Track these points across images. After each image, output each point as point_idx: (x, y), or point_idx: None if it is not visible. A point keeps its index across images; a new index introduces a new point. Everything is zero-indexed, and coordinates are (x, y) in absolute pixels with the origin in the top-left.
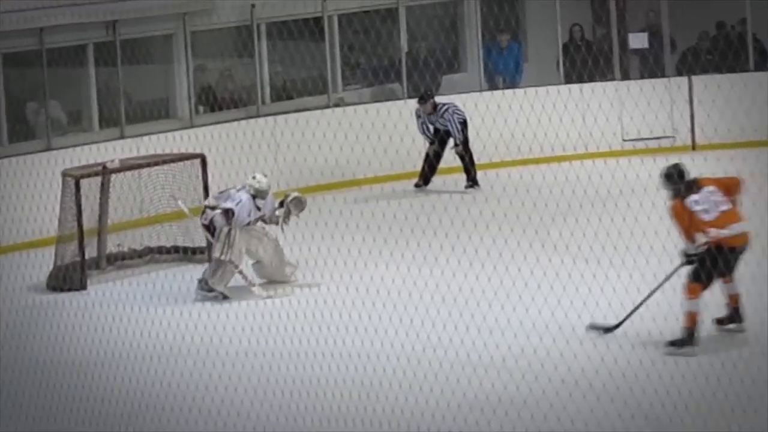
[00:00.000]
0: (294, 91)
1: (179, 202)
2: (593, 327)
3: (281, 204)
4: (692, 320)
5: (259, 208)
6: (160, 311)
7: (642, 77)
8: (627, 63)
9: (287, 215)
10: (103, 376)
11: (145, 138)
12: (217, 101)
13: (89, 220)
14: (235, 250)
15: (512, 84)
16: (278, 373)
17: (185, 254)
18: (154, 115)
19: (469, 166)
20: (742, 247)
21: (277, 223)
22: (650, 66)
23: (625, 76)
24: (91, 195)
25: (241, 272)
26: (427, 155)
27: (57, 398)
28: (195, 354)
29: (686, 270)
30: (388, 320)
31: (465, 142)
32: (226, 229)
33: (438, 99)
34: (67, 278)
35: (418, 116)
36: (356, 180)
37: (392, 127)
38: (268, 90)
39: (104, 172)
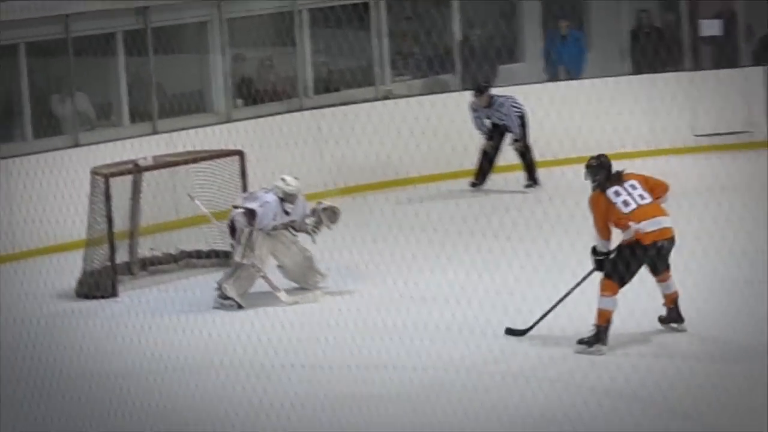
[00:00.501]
0: (339, 82)
1: (197, 202)
2: (510, 332)
3: (313, 212)
4: (603, 318)
5: (287, 213)
6: (196, 319)
7: (715, 67)
8: (699, 52)
9: (317, 225)
10: (135, 388)
11: (180, 133)
12: (256, 94)
13: (120, 222)
14: (257, 253)
15: (574, 75)
16: (318, 387)
17: (223, 259)
18: (189, 109)
19: (529, 164)
20: (663, 243)
21: (306, 232)
22: (724, 55)
23: (697, 66)
24: (121, 195)
25: (265, 277)
26: (484, 152)
27: (87, 411)
28: (230, 366)
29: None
30: (438, 329)
31: (524, 137)
32: (247, 231)
33: (495, 91)
34: (98, 284)
35: (474, 110)
36: (406, 179)
37: (445, 121)
38: (311, 81)
39: (136, 170)
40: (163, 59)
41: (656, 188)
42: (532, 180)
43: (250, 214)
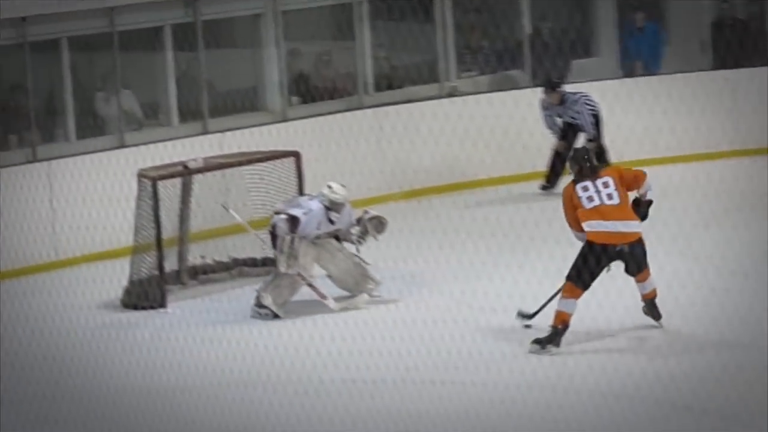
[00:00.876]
0: (401, 78)
1: (231, 212)
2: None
3: (359, 221)
4: (559, 320)
5: (332, 222)
6: (249, 331)
7: None
8: None
9: (363, 235)
10: (185, 404)
11: (232, 133)
12: (313, 91)
13: (169, 228)
14: (301, 262)
15: (652, 70)
16: (380, 403)
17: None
18: (242, 107)
19: (604, 166)
20: (622, 247)
21: (351, 242)
22: None
23: None
24: (170, 199)
25: (311, 285)
26: (556, 152)
27: (133, 429)
28: (286, 380)
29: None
30: (509, 341)
31: (599, 137)
32: (288, 239)
33: (567, 88)
34: (145, 294)
35: (545, 108)
36: (474, 181)
37: (515, 120)
38: (371, 78)
39: (185, 172)
40: (214, 54)
41: (633, 182)
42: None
43: (293, 221)
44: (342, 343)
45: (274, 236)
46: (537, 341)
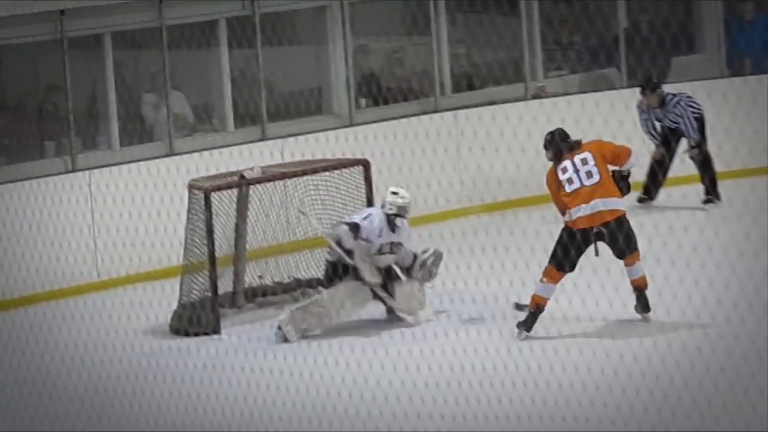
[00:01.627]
0: (482, 78)
1: (311, 220)
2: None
3: (419, 262)
4: (533, 303)
5: (394, 230)
6: (314, 360)
7: None
8: None
9: (429, 276)
10: None
11: (294, 139)
12: (383, 92)
13: (223, 245)
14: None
15: (762, 67)
16: None
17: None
18: (304, 110)
19: (709, 175)
20: (599, 229)
21: (417, 280)
22: None
23: None
24: (224, 212)
25: (385, 298)
26: (655, 161)
27: None
28: (365, 415)
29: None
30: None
31: (703, 143)
32: (363, 245)
33: (667, 88)
34: (197, 319)
35: (641, 111)
36: (535, 197)
37: (610, 124)
38: (448, 77)
39: (241, 183)
40: (274, 52)
41: (616, 159)
42: (713, 194)
43: (354, 227)
44: (417, 374)
45: (346, 250)
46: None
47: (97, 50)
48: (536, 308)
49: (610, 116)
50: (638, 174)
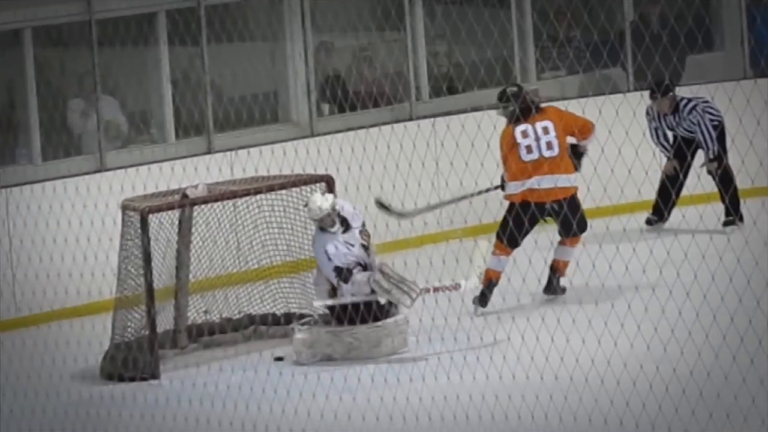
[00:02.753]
0: (464, 80)
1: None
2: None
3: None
4: (486, 278)
5: (350, 245)
6: (269, 409)
7: None
8: None
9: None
10: None
11: (245, 152)
12: (349, 97)
13: (163, 275)
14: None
15: None
16: None
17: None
18: (257, 119)
19: (729, 193)
20: (552, 204)
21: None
22: None
23: None
24: (164, 237)
25: (436, 288)
26: (666, 176)
27: None
28: None
29: None
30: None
31: (722, 155)
32: (377, 275)
33: (680, 92)
34: (132, 362)
35: (651, 118)
36: None
37: (613, 133)
38: (425, 80)
39: (184, 203)
40: (222, 50)
41: (577, 132)
42: (734, 215)
43: (340, 271)
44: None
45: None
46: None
47: (15, 48)
48: (489, 283)
49: (615, 123)
50: (648, 192)
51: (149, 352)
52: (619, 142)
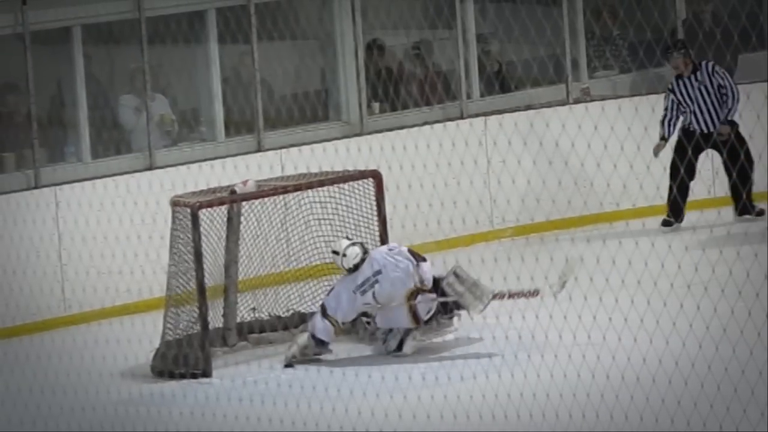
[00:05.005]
0: (516, 79)
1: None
2: None
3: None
4: None
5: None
6: (320, 407)
7: None
8: None
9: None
10: None
11: (295, 150)
12: (400, 95)
13: (213, 273)
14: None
15: None
16: None
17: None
18: (307, 117)
19: (739, 177)
20: None
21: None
22: None
23: None
24: (214, 234)
25: (512, 294)
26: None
27: None
28: None
29: None
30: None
31: (735, 121)
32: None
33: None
34: (183, 359)
35: (671, 90)
36: (607, 213)
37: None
38: (475, 78)
39: (234, 199)
40: (273, 48)
41: None
42: (748, 206)
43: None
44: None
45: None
46: None
47: (64, 45)
48: None
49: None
50: (700, 190)
51: (200, 350)
52: (673, 139)
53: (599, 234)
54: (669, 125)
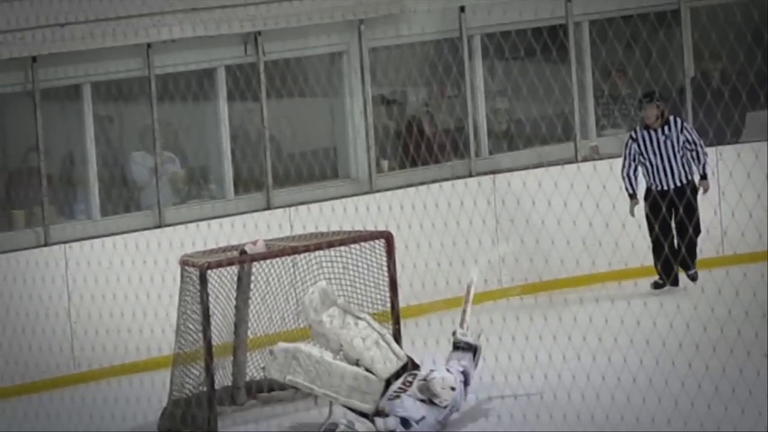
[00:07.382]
0: (524, 137)
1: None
2: None
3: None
4: None
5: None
6: None
7: None
8: None
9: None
10: None
11: (304, 208)
12: (409, 153)
13: (222, 332)
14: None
15: None
16: None
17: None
18: (316, 174)
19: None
20: None
21: None
22: None
23: None
24: (224, 293)
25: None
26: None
27: None
28: None
29: None
30: None
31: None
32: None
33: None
34: (191, 418)
35: (633, 140)
36: (621, 271)
37: None
38: (484, 135)
39: (243, 259)
40: (281, 105)
41: None
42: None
43: None
44: None
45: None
46: None
47: (74, 103)
48: None
49: None
50: (708, 249)
51: (208, 409)
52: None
53: (608, 294)
54: (629, 178)
